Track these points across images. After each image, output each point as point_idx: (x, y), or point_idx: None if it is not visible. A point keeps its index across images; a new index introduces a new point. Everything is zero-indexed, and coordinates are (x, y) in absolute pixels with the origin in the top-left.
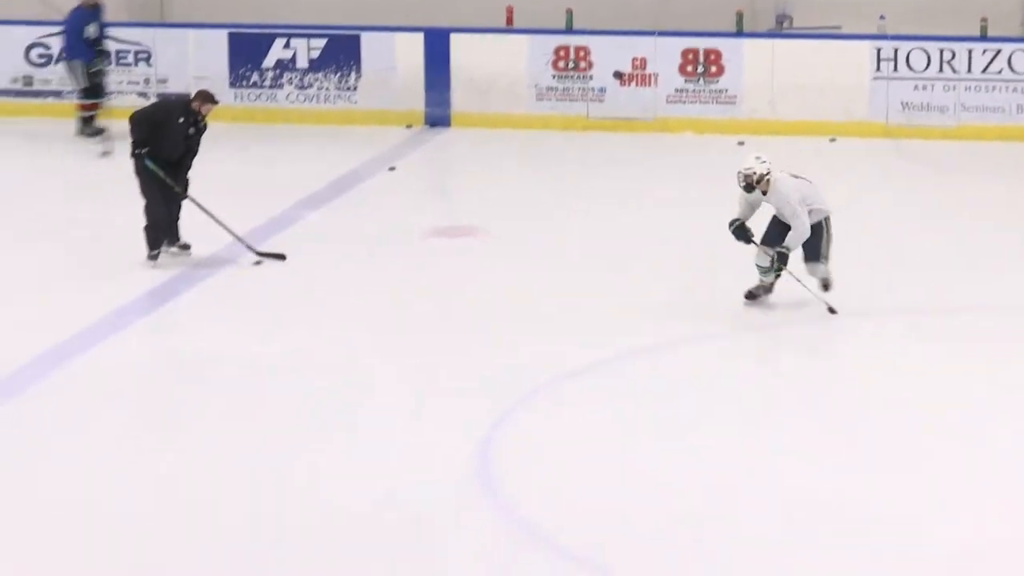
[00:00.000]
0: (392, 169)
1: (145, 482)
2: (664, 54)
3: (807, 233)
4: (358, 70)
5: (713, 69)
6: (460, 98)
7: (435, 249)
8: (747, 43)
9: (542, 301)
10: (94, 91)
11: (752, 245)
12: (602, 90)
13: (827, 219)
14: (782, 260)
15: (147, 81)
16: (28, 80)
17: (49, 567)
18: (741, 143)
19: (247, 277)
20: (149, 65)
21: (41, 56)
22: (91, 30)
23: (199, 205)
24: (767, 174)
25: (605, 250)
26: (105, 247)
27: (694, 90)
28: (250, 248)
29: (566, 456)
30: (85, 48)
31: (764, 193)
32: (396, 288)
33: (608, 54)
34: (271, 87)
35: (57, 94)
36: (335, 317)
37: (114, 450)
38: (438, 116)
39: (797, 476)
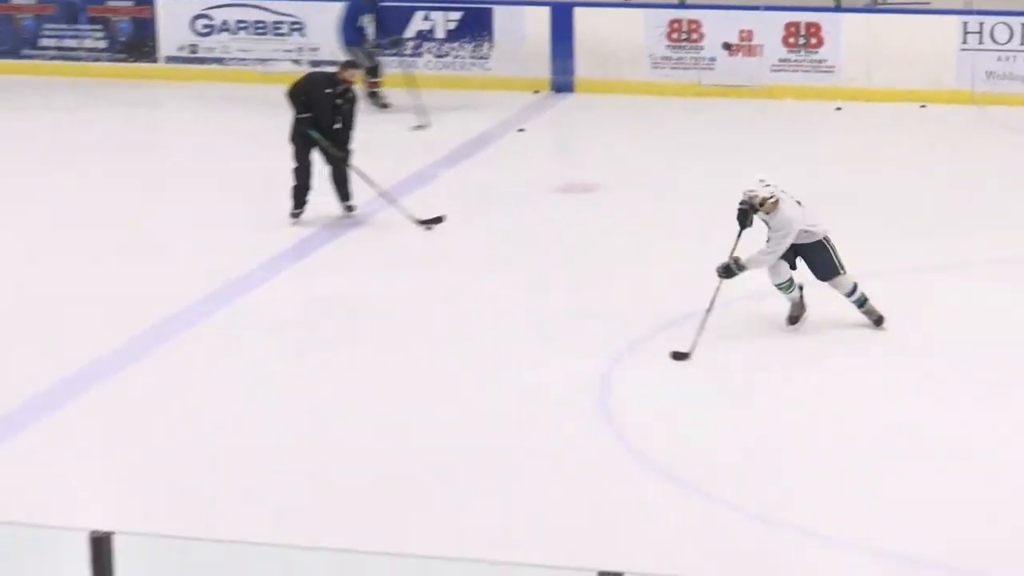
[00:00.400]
0: (521, 131)
1: (299, 402)
2: (769, 27)
3: (769, 262)
4: (490, 40)
5: (814, 41)
6: (583, 66)
7: (559, 203)
8: (845, 17)
9: (657, 251)
10: (374, 70)
11: (742, 234)
12: (712, 60)
13: (827, 238)
14: (725, 271)
15: (300, 49)
16: (194, 48)
17: (213, 475)
18: (839, 108)
19: (386, 229)
20: (302, 35)
21: (205, 27)
22: (365, 20)
23: (362, 175)
24: (770, 198)
25: (715, 205)
26: (261, 201)
27: (796, 60)
28: (411, 217)
29: (678, 392)
30: (357, 35)
31: (767, 214)
32: (523, 237)
33: (718, 27)
34: (411, 56)
35: (219, 61)
36: (467, 262)
37: (272, 375)
38: (563, 83)
39: (889, 411)
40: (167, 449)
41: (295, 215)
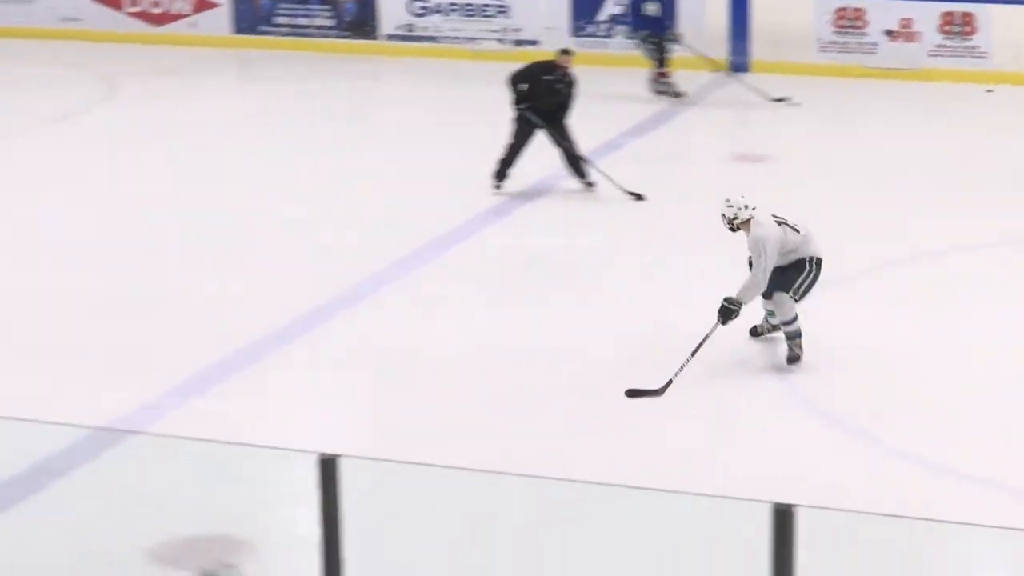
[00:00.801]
0: (989, 92)
1: (503, 340)
2: (927, 15)
3: (759, 287)
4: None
5: (967, 29)
6: (758, 48)
7: (734, 171)
8: (996, 8)
9: (823, 213)
10: (661, 60)
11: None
12: (874, 45)
13: (813, 260)
14: (724, 314)
15: (504, 30)
16: (410, 27)
17: (431, 406)
18: (990, 90)
19: (576, 195)
20: (507, 17)
21: (421, 8)
22: (650, 8)
23: (577, 153)
24: (735, 219)
25: (874, 174)
26: (466, 167)
27: (951, 46)
28: (619, 187)
29: (842, 341)
30: (646, 24)
31: (746, 233)
32: (699, 198)
33: (880, 15)
34: (604, 36)
35: (433, 39)
36: (650, 219)
37: (476, 318)
38: (739, 63)
39: None
40: (387, 382)
41: (496, 186)
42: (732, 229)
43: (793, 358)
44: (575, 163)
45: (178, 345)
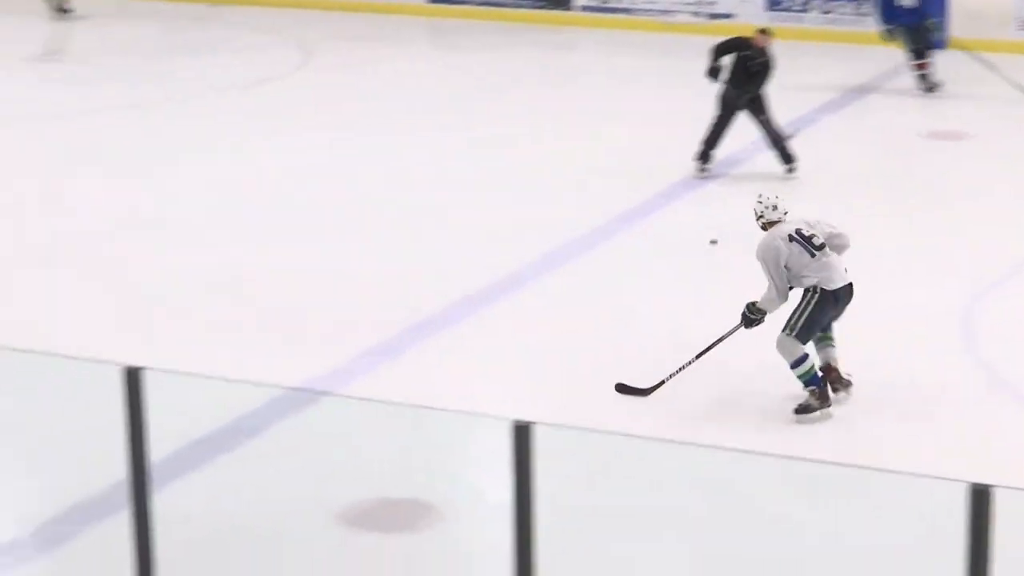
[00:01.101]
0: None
1: (680, 314)
2: None
3: (778, 299)
4: None
5: None
6: (956, 25)
7: (928, 148)
8: None
9: (1020, 193)
10: (920, 51)
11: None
12: None
13: (817, 291)
14: (745, 321)
15: (699, 3)
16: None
17: (619, 379)
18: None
19: (770, 172)
20: None
21: None
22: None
23: (778, 132)
24: (760, 216)
25: None
26: (663, 144)
27: None
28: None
29: None
30: (900, 13)
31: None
32: (893, 174)
33: None
34: (799, 11)
35: (627, 11)
36: (840, 195)
37: (664, 292)
38: (937, 40)
39: None
40: (574, 350)
41: (701, 168)
42: (762, 227)
43: (804, 408)
44: (777, 146)
45: (373, 309)
